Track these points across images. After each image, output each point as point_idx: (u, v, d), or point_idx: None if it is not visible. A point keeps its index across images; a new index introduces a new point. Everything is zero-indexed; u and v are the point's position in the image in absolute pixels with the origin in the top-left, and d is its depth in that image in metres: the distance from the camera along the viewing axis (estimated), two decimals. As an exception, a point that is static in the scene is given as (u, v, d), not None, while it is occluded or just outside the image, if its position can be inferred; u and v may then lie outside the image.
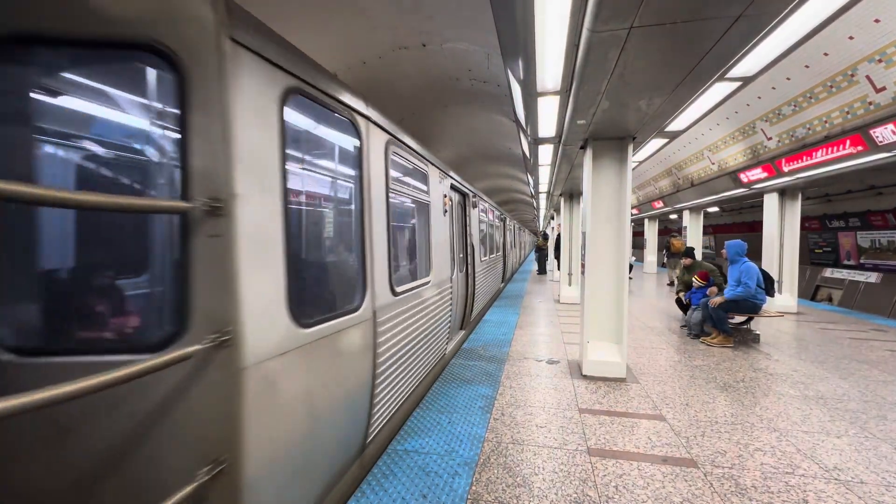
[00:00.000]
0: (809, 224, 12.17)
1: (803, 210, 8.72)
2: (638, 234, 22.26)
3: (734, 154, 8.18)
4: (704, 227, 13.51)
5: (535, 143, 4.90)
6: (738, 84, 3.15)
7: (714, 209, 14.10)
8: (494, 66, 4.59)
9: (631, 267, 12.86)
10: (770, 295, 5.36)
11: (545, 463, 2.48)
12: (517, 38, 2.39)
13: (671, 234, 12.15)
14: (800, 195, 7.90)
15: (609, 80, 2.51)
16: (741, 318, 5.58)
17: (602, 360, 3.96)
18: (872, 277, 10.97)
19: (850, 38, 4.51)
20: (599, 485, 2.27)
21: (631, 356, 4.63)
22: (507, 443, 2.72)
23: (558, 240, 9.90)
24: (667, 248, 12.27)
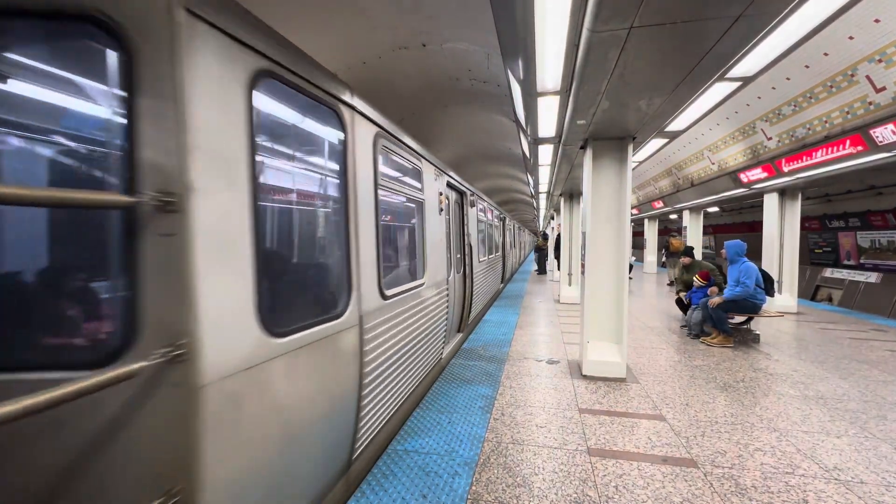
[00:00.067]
0: (809, 224, 12.17)
1: (803, 210, 8.72)
2: (638, 234, 22.27)
3: (734, 154, 8.18)
4: (704, 227, 13.51)
5: (535, 143, 4.90)
6: (738, 84, 3.15)
7: (714, 209, 14.11)
8: (494, 66, 4.59)
9: (631, 267, 12.87)
10: (770, 295, 5.36)
11: (545, 463, 2.49)
12: (517, 38, 2.39)
13: (671, 233, 12.16)
14: (800, 195, 7.90)
15: (609, 80, 2.52)
16: (741, 318, 5.58)
17: (602, 360, 3.96)
18: (872, 277, 10.97)
19: (850, 38, 4.51)
20: (599, 485, 2.27)
21: (631, 356, 4.63)
22: (507, 443, 2.73)
23: (558, 240, 9.90)
24: (666, 247, 12.28)
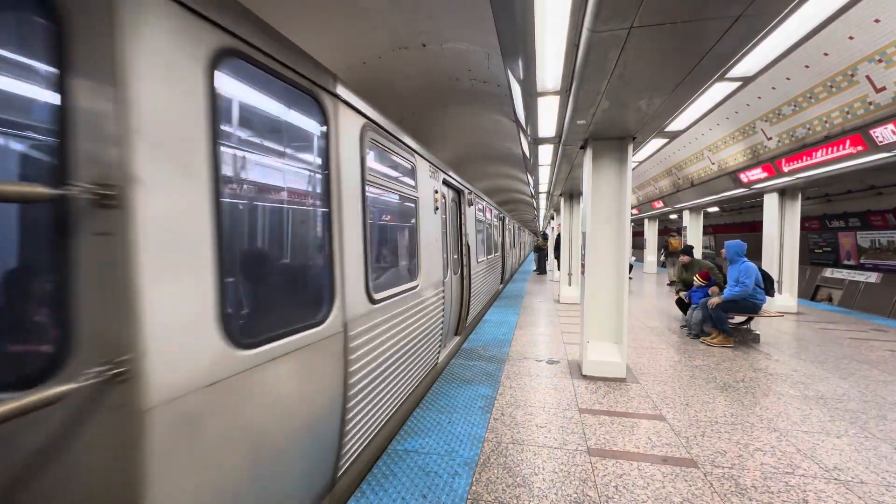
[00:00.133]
0: (809, 224, 12.17)
1: (803, 210, 8.73)
2: (638, 234, 22.27)
3: (734, 154, 8.18)
4: (704, 227, 13.52)
5: (535, 143, 4.90)
6: (738, 84, 3.15)
7: (714, 209, 14.11)
8: (494, 66, 4.59)
9: (631, 267, 12.87)
10: (770, 295, 5.36)
11: (545, 463, 2.49)
12: (517, 38, 2.39)
13: (670, 233, 12.17)
14: (800, 195, 7.91)
15: (609, 80, 2.52)
16: (741, 318, 5.58)
17: (602, 360, 3.96)
18: (872, 277, 10.97)
19: (850, 38, 4.51)
20: (599, 485, 2.27)
21: (631, 356, 4.63)
22: (507, 443, 2.73)
23: (558, 240, 9.90)
24: (665, 247, 12.30)
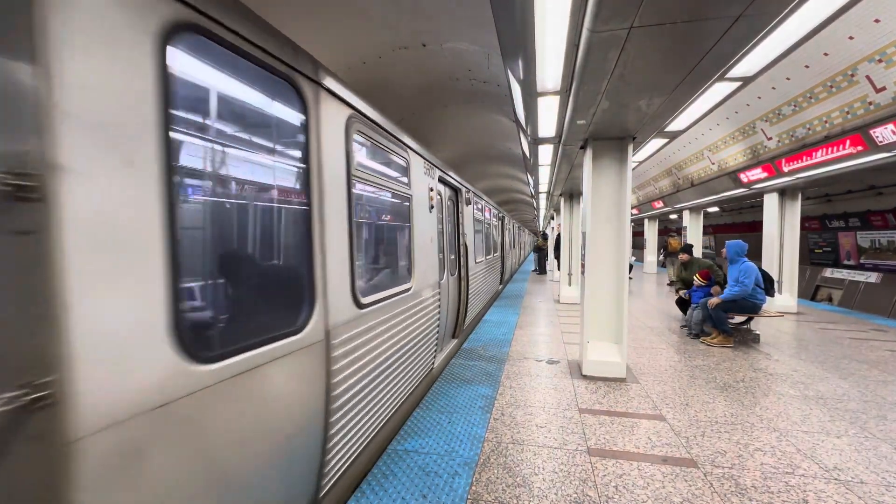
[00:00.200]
0: (809, 224, 12.17)
1: (803, 210, 8.73)
2: (638, 234, 22.28)
3: (734, 154, 8.18)
4: (704, 227, 13.53)
5: (535, 143, 4.90)
6: (738, 84, 3.15)
7: (714, 209, 14.11)
8: (494, 66, 4.59)
9: (631, 267, 12.88)
10: (770, 295, 5.36)
11: (545, 463, 2.49)
12: (517, 37, 2.39)
13: (670, 234, 12.18)
14: (800, 195, 7.91)
15: (609, 80, 2.52)
16: (741, 318, 5.58)
17: (602, 360, 3.96)
18: (872, 277, 10.97)
19: (850, 38, 4.51)
20: (599, 485, 2.27)
21: (631, 356, 4.63)
22: (507, 443, 2.73)
23: (558, 240, 9.90)
24: (664, 247, 12.31)
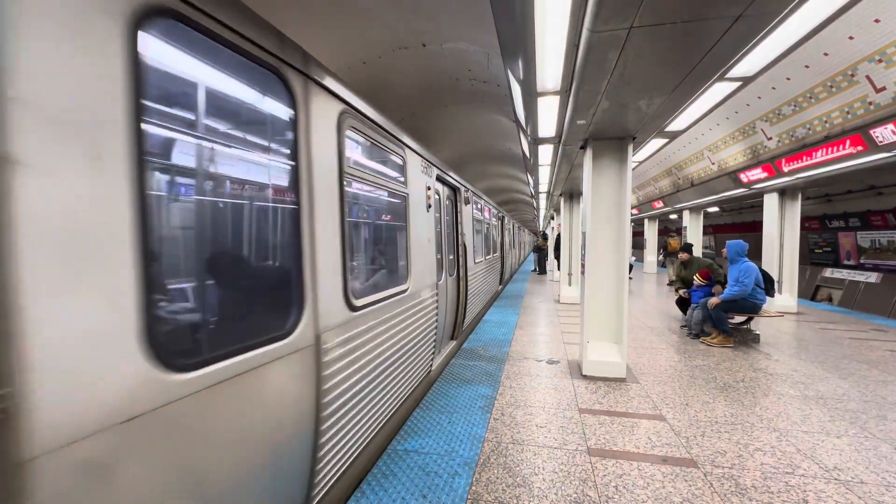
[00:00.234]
0: (809, 224, 12.17)
1: (803, 210, 8.73)
2: (638, 234, 22.28)
3: (734, 154, 8.18)
4: (704, 227, 13.53)
5: (535, 143, 4.90)
6: (738, 84, 3.15)
7: (714, 209, 14.12)
8: (494, 66, 4.59)
9: (631, 267, 12.88)
10: (770, 295, 5.36)
11: (545, 463, 2.49)
12: (517, 38, 2.39)
13: (669, 234, 12.18)
14: (800, 195, 7.91)
15: (609, 80, 2.52)
16: (741, 318, 5.58)
17: (602, 360, 3.96)
18: (872, 277, 10.97)
19: (850, 38, 4.51)
20: (599, 485, 2.27)
21: (631, 356, 4.63)
22: (507, 443, 2.73)
23: (558, 240, 9.91)
24: (664, 247, 12.33)
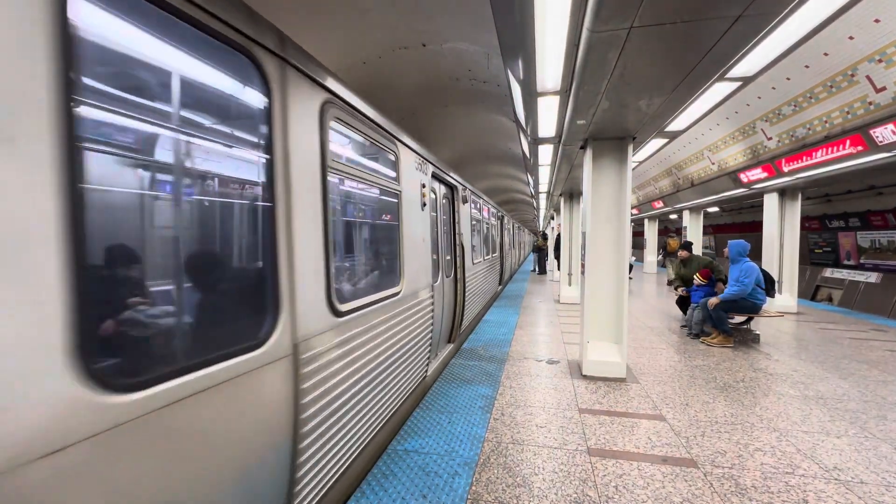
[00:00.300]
0: (809, 224, 12.17)
1: (803, 210, 8.73)
2: (638, 234, 22.28)
3: (734, 154, 8.18)
4: (704, 227, 13.54)
5: (535, 143, 4.90)
6: (738, 84, 3.15)
7: (714, 209, 14.12)
8: (494, 66, 4.59)
9: (631, 267, 12.87)
10: (770, 295, 5.36)
11: (545, 463, 2.49)
12: (517, 38, 2.39)
13: (668, 234, 12.18)
14: (800, 195, 7.91)
15: (609, 80, 2.52)
16: (741, 318, 5.58)
17: (602, 360, 3.96)
18: (872, 277, 10.97)
19: (850, 38, 4.51)
20: (599, 485, 2.27)
21: (631, 356, 4.63)
22: (507, 443, 2.73)
23: (558, 240, 9.91)
24: (664, 248, 12.34)
